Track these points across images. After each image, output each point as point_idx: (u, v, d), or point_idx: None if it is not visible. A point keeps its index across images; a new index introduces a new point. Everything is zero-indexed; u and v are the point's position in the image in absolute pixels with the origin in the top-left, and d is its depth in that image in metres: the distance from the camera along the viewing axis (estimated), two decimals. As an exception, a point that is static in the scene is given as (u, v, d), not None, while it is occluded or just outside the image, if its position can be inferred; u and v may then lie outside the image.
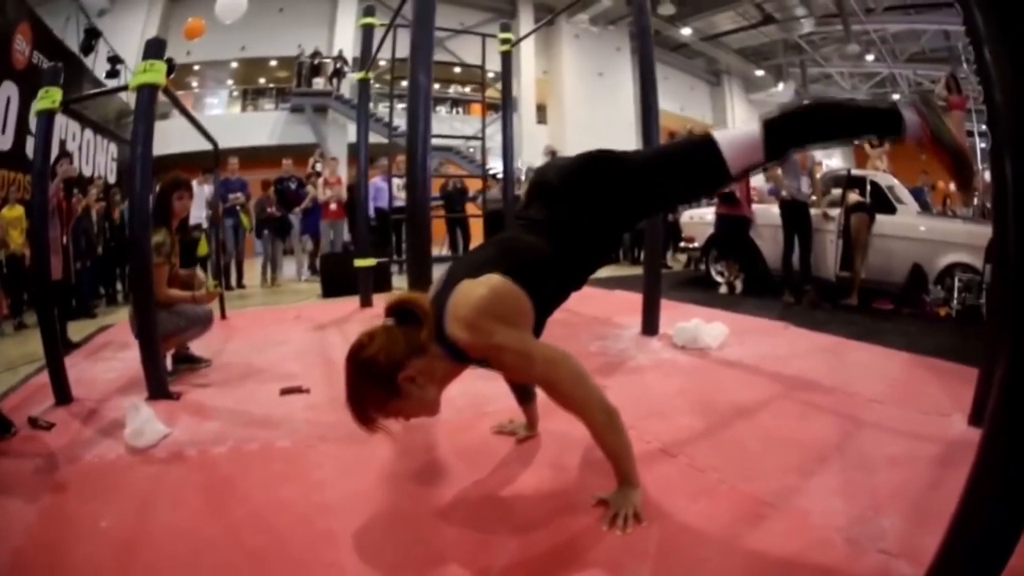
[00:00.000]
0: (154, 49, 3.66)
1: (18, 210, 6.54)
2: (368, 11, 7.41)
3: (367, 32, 7.48)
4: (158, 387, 3.60)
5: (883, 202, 6.69)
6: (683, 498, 2.18)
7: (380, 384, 1.87)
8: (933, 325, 5.15)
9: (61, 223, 5.45)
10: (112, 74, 11.99)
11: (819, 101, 2.47)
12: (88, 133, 11.01)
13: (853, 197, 6.67)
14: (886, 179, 7.05)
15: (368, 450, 2.69)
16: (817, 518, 1.99)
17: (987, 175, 14.02)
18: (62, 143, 9.20)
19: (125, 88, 3.99)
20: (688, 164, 2.15)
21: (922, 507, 1.99)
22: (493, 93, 8.98)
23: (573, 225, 2.14)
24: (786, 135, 2.07)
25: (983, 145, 16.97)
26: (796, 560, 1.77)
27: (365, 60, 7.48)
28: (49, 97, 3.70)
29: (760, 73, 26.16)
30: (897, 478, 2.22)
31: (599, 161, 2.19)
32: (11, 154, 8.08)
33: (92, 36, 11.69)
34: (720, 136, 2.07)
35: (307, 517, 2.21)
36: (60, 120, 9.56)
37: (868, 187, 6.84)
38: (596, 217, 2.15)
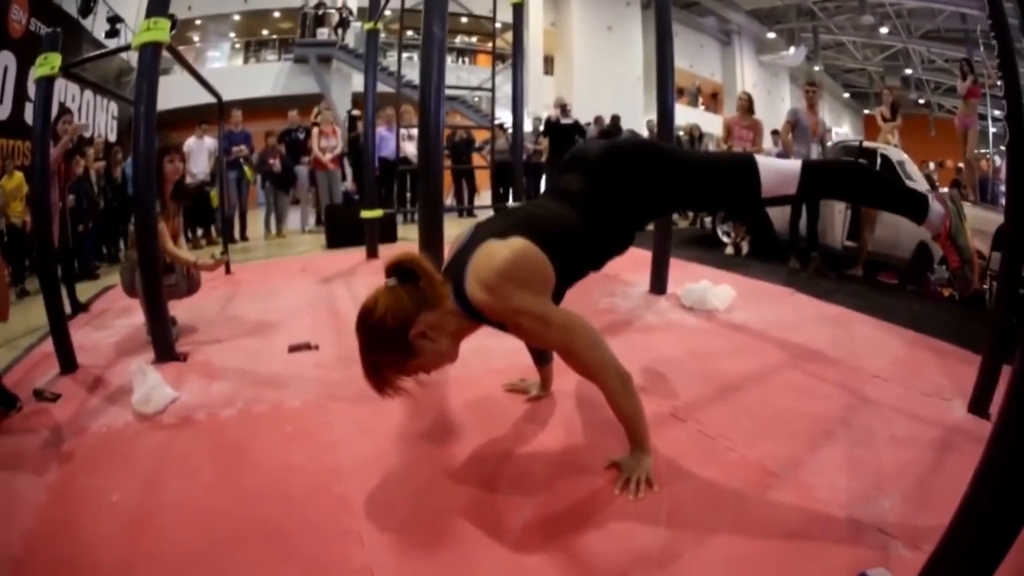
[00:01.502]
0: (157, 6, 3.56)
1: (17, 178, 6.49)
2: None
3: (378, -23, 7.30)
4: (164, 349, 3.56)
5: (893, 177, 6.55)
6: (693, 464, 2.19)
7: (394, 346, 1.85)
8: (936, 305, 5.09)
9: (59, 188, 5.40)
10: (112, 34, 11.76)
11: (864, 168, 2.59)
12: (88, 94, 10.90)
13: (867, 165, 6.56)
14: (897, 154, 6.93)
15: (379, 409, 2.64)
16: (821, 492, 2.01)
17: (996, 159, 13.93)
18: (61, 104, 9.10)
19: (128, 48, 3.92)
20: (726, 176, 2.20)
21: (921, 490, 2.00)
22: (501, 43, 8.87)
23: (606, 204, 2.13)
24: (822, 183, 2.23)
25: (995, 129, 16.80)
26: (800, 534, 1.79)
27: (374, 9, 7.33)
28: (48, 63, 3.63)
29: (772, 36, 25.72)
30: (899, 458, 2.22)
31: (645, 150, 2.23)
32: (10, 122, 8.03)
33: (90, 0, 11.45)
34: (761, 160, 2.16)
35: (321, 482, 2.19)
36: (59, 83, 9.45)
37: (879, 160, 6.74)
38: (628, 202, 2.16)
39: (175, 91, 12.13)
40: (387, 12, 7.27)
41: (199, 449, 2.52)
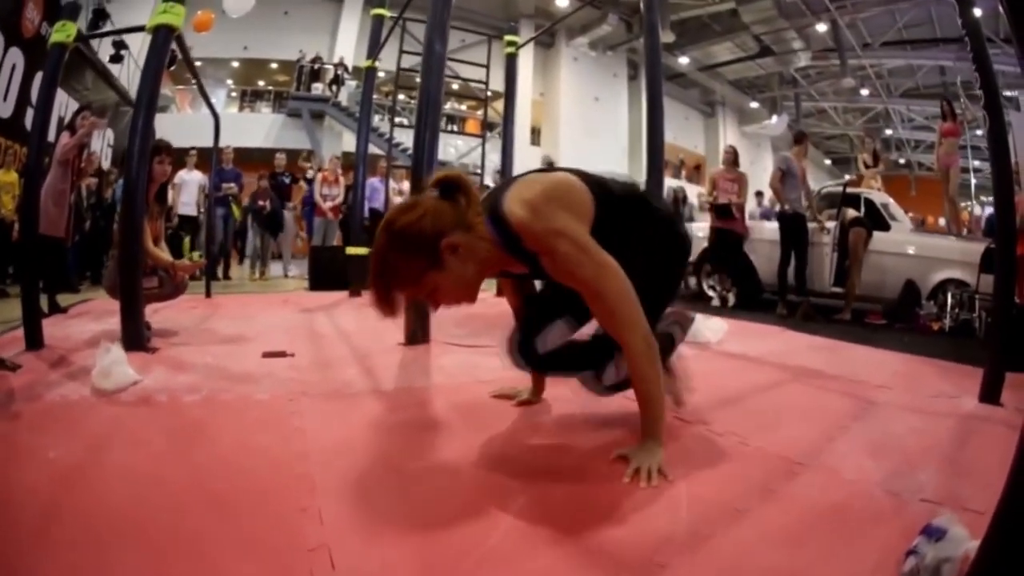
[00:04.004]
0: None
1: (11, 176, 6.40)
2: (380, 1, 7.49)
3: (376, 23, 7.59)
4: (135, 339, 3.44)
5: (877, 219, 6.74)
6: (708, 459, 2.00)
7: (421, 251, 1.73)
8: (927, 337, 5.14)
9: (72, 179, 5.28)
10: (116, 59, 11.80)
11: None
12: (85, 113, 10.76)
13: (851, 212, 6.71)
14: (881, 197, 7.16)
15: (354, 404, 2.52)
16: (850, 473, 1.86)
17: (976, 208, 14.16)
18: (61, 119, 9.08)
19: (142, 28, 3.88)
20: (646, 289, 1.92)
21: (955, 463, 1.91)
22: (491, 112, 9.09)
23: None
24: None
25: (975, 181, 17.17)
26: (841, 511, 1.62)
27: (373, 48, 7.51)
28: (64, 31, 3.63)
29: (755, 105, 26.43)
30: (922, 442, 2.12)
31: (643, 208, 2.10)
32: (10, 122, 7.95)
33: (100, 17, 11.47)
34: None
35: (282, 462, 1.97)
36: (61, 97, 9.48)
37: (863, 205, 6.90)
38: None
39: (171, 130, 12.11)
40: (381, 74, 7.49)
41: (154, 425, 2.32)
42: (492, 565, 1.40)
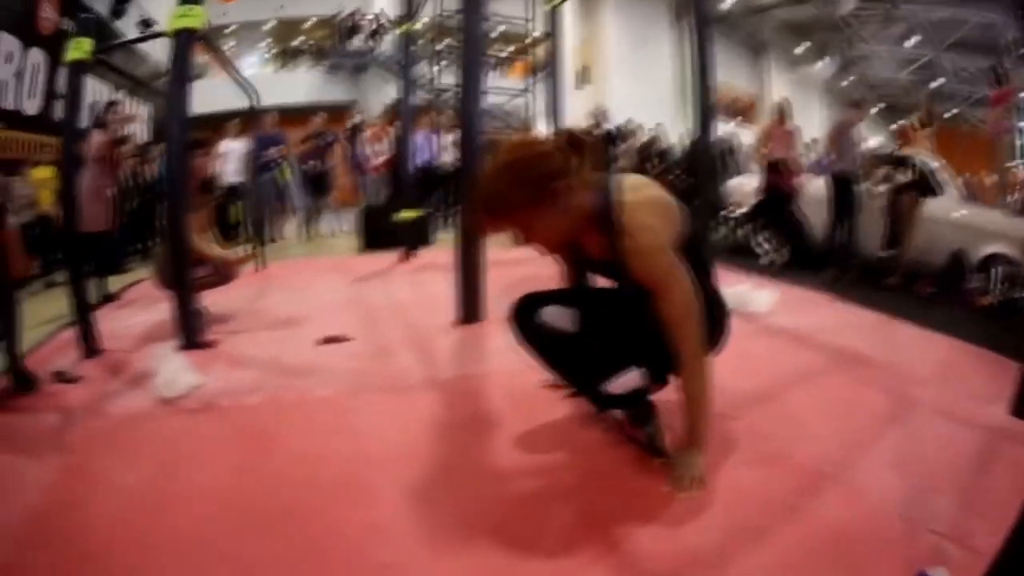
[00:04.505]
0: None
1: (48, 171, 6.49)
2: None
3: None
4: (191, 336, 3.49)
5: (928, 184, 6.47)
6: (745, 464, 2.06)
7: (533, 184, 1.76)
8: (973, 313, 5.03)
9: (109, 173, 5.34)
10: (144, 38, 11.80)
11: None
12: (122, 95, 10.93)
13: (901, 178, 6.47)
14: (931, 161, 6.82)
15: (413, 399, 2.56)
16: (873, 492, 1.89)
17: None
18: (92, 105, 9.18)
19: (163, 34, 3.88)
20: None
21: (971, 491, 1.89)
22: (538, 54, 8.94)
23: None
24: None
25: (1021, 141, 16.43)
26: (853, 535, 1.68)
27: (410, 9, 7.33)
28: (80, 47, 3.61)
29: (800, 50, 25.34)
30: (947, 458, 2.10)
31: None
32: (40, 117, 8.10)
33: (122, 1, 11.43)
34: None
35: (346, 472, 2.06)
36: (91, 84, 9.57)
37: (913, 168, 6.60)
38: None
39: (208, 96, 12.08)
40: (418, 27, 7.35)
41: (221, 434, 2.40)
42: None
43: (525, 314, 2.11)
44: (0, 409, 2.75)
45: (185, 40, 3.53)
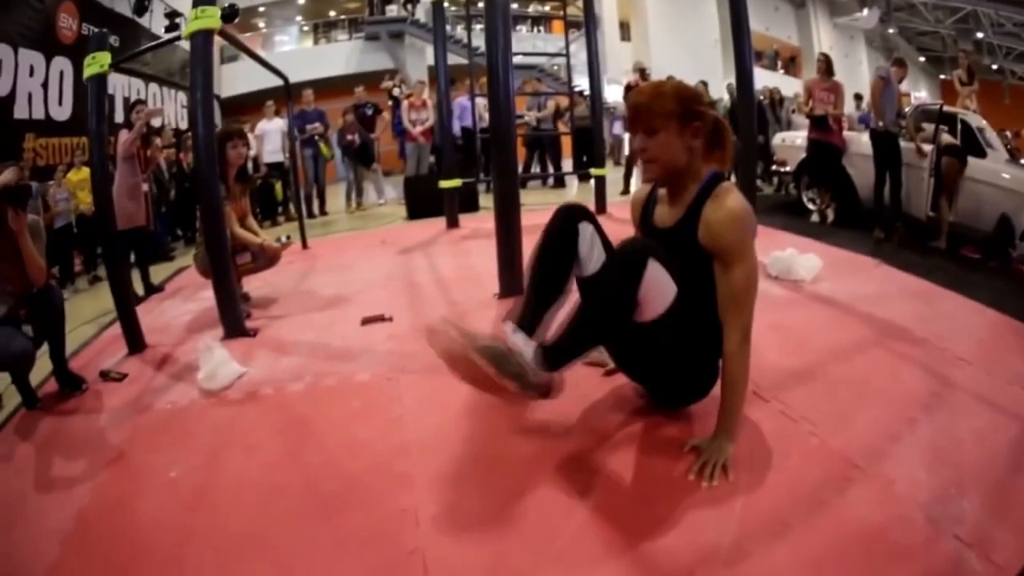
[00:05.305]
0: None
1: (85, 172, 6.63)
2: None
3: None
4: (234, 325, 3.55)
5: (973, 144, 6.13)
6: (774, 450, 2.03)
7: (687, 106, 1.95)
8: (1018, 282, 4.71)
9: (141, 170, 5.42)
10: (172, 28, 11.84)
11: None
12: (153, 87, 11.15)
13: (946, 138, 6.14)
14: (977, 120, 6.44)
15: (450, 382, 2.51)
16: (902, 487, 1.82)
17: None
18: (126, 100, 9.29)
19: (179, 38, 3.88)
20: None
21: (1000, 494, 1.81)
22: (574, 11, 8.68)
23: None
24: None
25: None
26: (876, 535, 1.64)
27: None
28: (97, 62, 3.69)
29: None
30: (980, 454, 2.02)
31: None
32: (71, 121, 8.26)
33: None
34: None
35: (384, 459, 2.11)
36: (122, 80, 9.85)
37: (959, 126, 6.28)
38: None
39: (243, 76, 12.17)
40: None
41: (263, 425, 2.47)
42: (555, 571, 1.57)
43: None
44: (49, 411, 2.85)
45: (202, 41, 3.55)
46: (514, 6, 19.35)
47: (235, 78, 14.78)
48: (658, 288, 1.84)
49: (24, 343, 2.80)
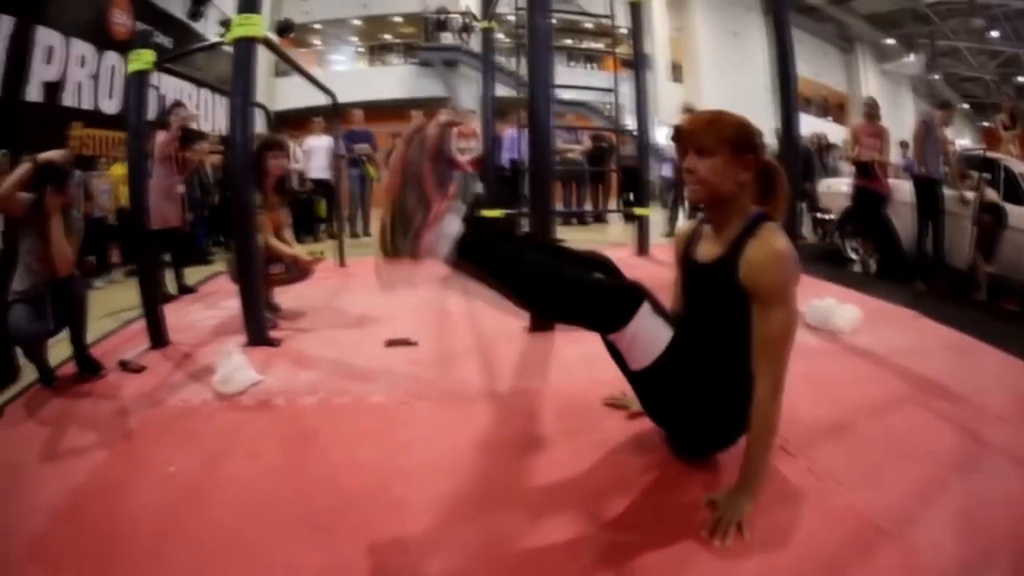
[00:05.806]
0: (248, 4, 3.60)
1: (124, 168, 6.74)
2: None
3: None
4: (258, 333, 3.55)
5: (1015, 191, 5.99)
6: (794, 509, 1.90)
7: (743, 137, 1.93)
8: None
9: (177, 172, 5.50)
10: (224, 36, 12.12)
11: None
12: (205, 92, 11.39)
13: (990, 193, 6.02)
14: (1020, 166, 6.26)
15: (465, 411, 2.53)
16: (928, 556, 1.69)
17: None
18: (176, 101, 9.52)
19: (222, 43, 3.94)
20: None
21: None
22: (627, 49, 8.75)
23: None
24: None
25: None
26: None
27: (488, 6, 7.32)
28: (141, 59, 3.76)
29: (890, 42, 24.30)
30: (1012, 520, 1.90)
31: None
32: (119, 116, 8.39)
33: (200, 2, 11.73)
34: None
35: (384, 481, 2.07)
36: (173, 83, 10.04)
37: (1001, 172, 6.14)
38: None
39: (297, 92, 12.30)
40: (510, 17, 7.30)
41: (269, 434, 2.46)
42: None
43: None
44: (63, 392, 2.93)
45: (245, 49, 3.58)
46: (567, 42, 19.62)
47: (287, 93, 15.06)
48: (648, 335, 1.83)
49: (37, 324, 2.87)
